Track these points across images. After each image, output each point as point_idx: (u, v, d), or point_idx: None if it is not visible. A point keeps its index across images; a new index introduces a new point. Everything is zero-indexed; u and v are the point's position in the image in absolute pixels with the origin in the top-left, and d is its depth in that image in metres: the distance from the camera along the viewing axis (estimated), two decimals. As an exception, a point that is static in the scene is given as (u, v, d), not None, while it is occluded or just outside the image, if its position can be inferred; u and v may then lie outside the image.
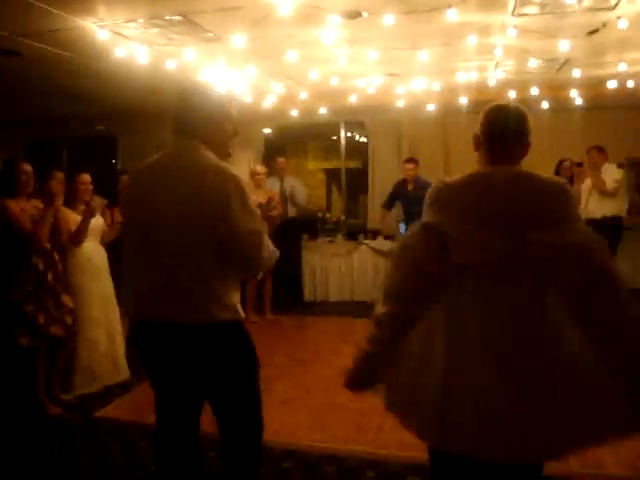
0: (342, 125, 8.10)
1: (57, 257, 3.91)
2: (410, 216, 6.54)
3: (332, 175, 9.97)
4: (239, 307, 2.09)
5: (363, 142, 8.33)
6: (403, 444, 3.38)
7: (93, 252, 4.18)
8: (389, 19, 3.42)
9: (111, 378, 4.22)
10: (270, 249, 2.04)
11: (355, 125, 8.25)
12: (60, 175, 4.16)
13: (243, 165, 7.79)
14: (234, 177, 1.94)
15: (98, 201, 4.10)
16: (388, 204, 6.85)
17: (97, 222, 4.15)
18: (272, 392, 4.27)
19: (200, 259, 1.95)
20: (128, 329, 2.25)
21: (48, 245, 3.78)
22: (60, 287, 3.85)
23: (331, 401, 4.11)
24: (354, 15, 3.59)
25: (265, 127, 8.21)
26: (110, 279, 4.27)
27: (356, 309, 6.74)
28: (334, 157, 8.54)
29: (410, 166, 6.62)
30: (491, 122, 1.88)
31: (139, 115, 6.80)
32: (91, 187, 4.18)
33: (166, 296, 2.00)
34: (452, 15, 3.32)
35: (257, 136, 8.10)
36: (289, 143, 10.98)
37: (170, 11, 3.66)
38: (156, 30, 3.96)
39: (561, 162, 6.45)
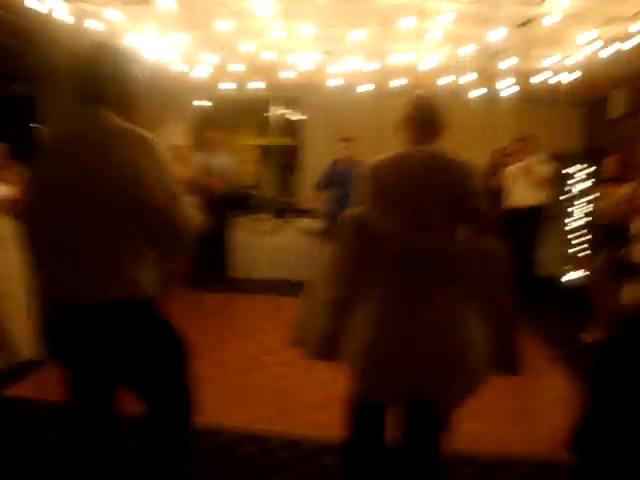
0: (276, 101, 7.97)
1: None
2: (342, 196, 6.52)
3: (266, 152, 9.85)
4: (149, 284, 1.97)
5: (298, 120, 8.24)
6: (322, 424, 3.42)
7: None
8: (328, -7, 3.35)
9: (20, 355, 3.99)
10: (191, 216, 1.95)
11: (290, 102, 8.13)
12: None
13: (174, 136, 7.55)
14: (146, 139, 1.82)
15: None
16: (322, 185, 6.77)
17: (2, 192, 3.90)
18: (191, 371, 4.19)
19: (109, 233, 1.83)
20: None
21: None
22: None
23: (253, 380, 4.09)
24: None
25: (198, 99, 7.94)
26: (16, 251, 4.02)
27: (281, 287, 6.72)
28: (269, 133, 8.42)
29: (343, 144, 6.56)
30: (413, 109, 2.36)
31: (60, 76, 6.38)
32: None
33: (71, 276, 1.87)
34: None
35: (189, 108, 7.83)
36: (224, 117, 10.76)
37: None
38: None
39: (494, 153, 6.66)
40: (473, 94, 6.29)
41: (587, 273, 5.49)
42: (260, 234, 7.25)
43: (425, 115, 2.33)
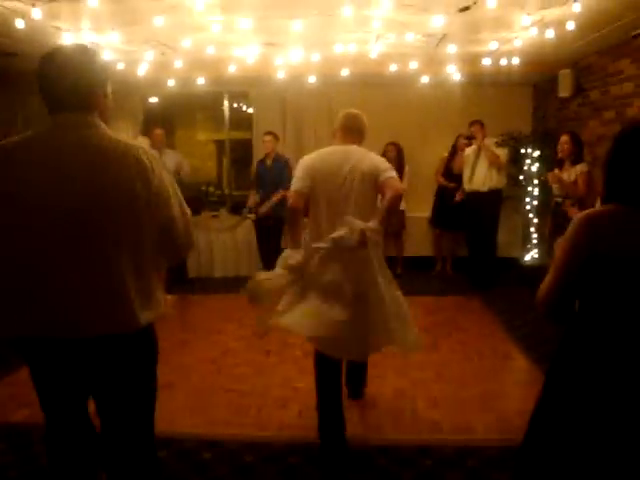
0: (226, 96, 7.84)
1: None
2: (265, 190, 6.54)
3: (221, 147, 9.71)
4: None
5: (250, 113, 8.11)
6: (284, 424, 3.39)
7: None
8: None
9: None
10: (188, 222, 1.94)
11: (240, 96, 8.01)
12: None
13: (122, 135, 7.35)
14: (155, 158, 1.82)
15: None
16: (255, 183, 6.82)
17: None
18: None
19: (128, 255, 1.75)
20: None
21: None
22: None
23: (212, 383, 4.03)
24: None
25: (145, 96, 7.75)
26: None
27: (241, 285, 6.59)
28: (223, 128, 8.29)
29: (267, 138, 6.57)
30: (344, 119, 3.22)
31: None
32: None
33: (73, 306, 1.72)
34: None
35: (135, 106, 7.63)
36: (177, 113, 10.57)
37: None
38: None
39: (458, 137, 6.67)
40: (422, 81, 6.27)
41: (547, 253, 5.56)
42: (217, 231, 7.12)
43: (352, 124, 3.19)
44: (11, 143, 1.77)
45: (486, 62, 5.37)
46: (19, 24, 4.13)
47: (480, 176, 6.33)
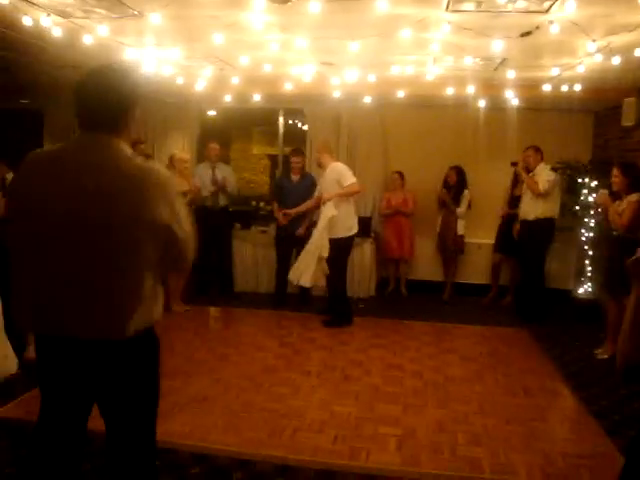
0: (281, 112, 7.92)
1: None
2: (288, 206, 6.45)
3: (275, 162, 9.80)
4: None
5: (304, 130, 8.16)
6: (318, 449, 3.32)
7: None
8: (315, 6, 3.25)
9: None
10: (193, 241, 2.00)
11: (295, 112, 8.07)
12: None
13: (178, 148, 7.53)
14: (171, 179, 1.90)
15: None
16: (276, 197, 6.74)
17: None
18: (188, 390, 4.13)
19: (132, 268, 1.84)
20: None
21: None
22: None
23: (249, 400, 4.01)
24: (281, 1, 3.40)
25: (202, 110, 7.91)
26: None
27: (286, 301, 6.63)
28: (277, 143, 8.36)
29: (296, 159, 6.53)
30: None
31: (65, 90, 6.37)
32: None
33: (86, 309, 1.82)
34: (382, 5, 3.18)
35: (192, 119, 7.80)
36: (234, 127, 10.76)
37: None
38: (71, 1, 3.66)
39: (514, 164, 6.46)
40: (479, 104, 6.15)
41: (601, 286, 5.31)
42: (265, 247, 7.15)
43: None
44: (41, 154, 1.91)
45: (546, 88, 5.22)
46: (87, 39, 4.28)
47: (525, 204, 6.13)
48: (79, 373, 1.91)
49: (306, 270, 5.70)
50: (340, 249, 5.73)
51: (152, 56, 4.85)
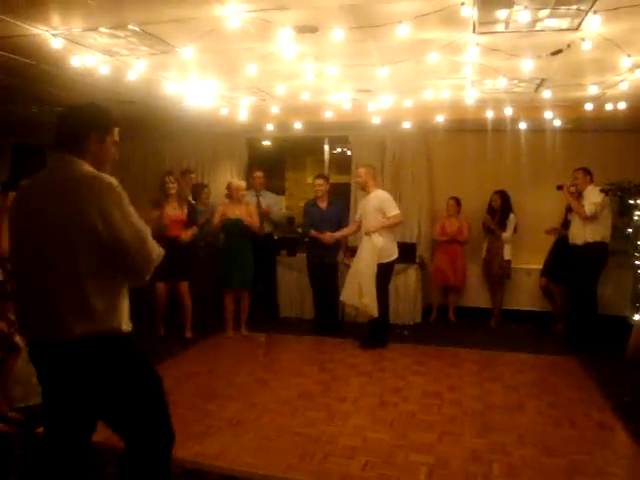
0: (326, 140, 8.02)
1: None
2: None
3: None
4: (123, 318, 2.10)
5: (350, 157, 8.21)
6: (346, 475, 3.27)
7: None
8: (339, 34, 3.32)
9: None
10: (157, 250, 2.08)
11: (340, 140, 8.15)
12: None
13: (226, 176, 7.74)
14: (109, 185, 1.98)
15: None
16: (307, 226, 6.62)
17: None
18: (224, 413, 4.18)
19: (77, 273, 1.96)
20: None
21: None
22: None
23: (282, 425, 4.00)
24: (308, 30, 3.49)
25: (249, 140, 8.11)
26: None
27: (329, 327, 6.62)
28: (331, 172, 8.45)
29: (320, 182, 6.49)
30: None
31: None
32: None
33: (43, 313, 2.01)
34: (404, 31, 3.22)
35: (240, 149, 8.01)
36: (287, 157, 10.97)
37: (126, 22, 3.57)
38: (115, 40, 3.88)
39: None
40: (521, 127, 6.05)
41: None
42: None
43: None
44: (25, 184, 2.19)
45: (588, 107, 5.08)
46: (131, 75, 4.52)
47: (574, 228, 5.91)
48: (50, 373, 2.09)
49: (371, 298, 5.69)
50: (381, 275, 5.71)
51: (194, 88, 5.05)
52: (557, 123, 5.72)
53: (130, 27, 3.64)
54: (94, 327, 1.99)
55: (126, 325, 2.11)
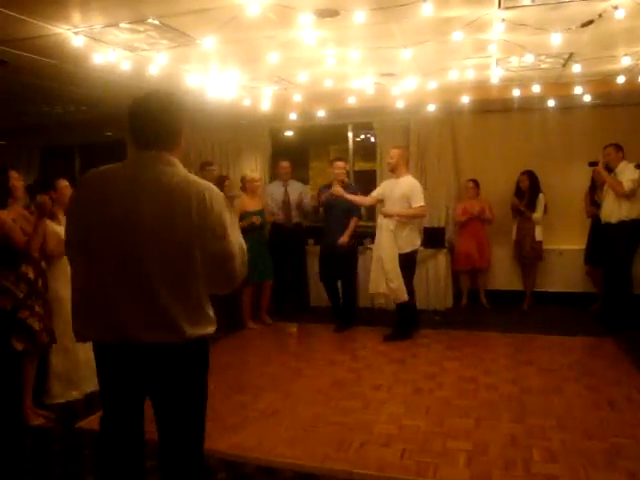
0: (350, 127, 7.94)
1: (44, 265, 3.93)
2: (333, 217, 6.22)
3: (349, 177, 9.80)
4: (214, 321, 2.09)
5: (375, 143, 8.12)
6: (384, 463, 3.25)
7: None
8: (360, 16, 3.26)
9: (91, 385, 4.10)
10: (244, 258, 2.05)
11: (364, 127, 8.06)
12: (63, 183, 4.22)
13: (250, 167, 7.74)
14: (219, 195, 1.97)
15: None
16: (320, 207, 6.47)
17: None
18: (258, 404, 4.18)
19: (181, 277, 1.92)
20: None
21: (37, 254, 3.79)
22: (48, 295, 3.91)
23: (318, 414, 3.99)
24: (329, 14, 3.43)
25: (272, 130, 8.08)
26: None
27: (360, 315, 6.59)
28: (355, 159, 8.38)
29: (340, 164, 6.28)
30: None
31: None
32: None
33: (145, 316, 1.93)
34: (428, 10, 3.13)
35: (264, 139, 7.99)
36: (310, 145, 10.92)
37: (146, 15, 3.56)
38: (136, 35, 3.88)
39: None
40: (549, 104, 5.90)
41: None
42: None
43: None
44: (96, 173, 2.02)
45: (620, 80, 4.91)
46: (152, 69, 4.52)
47: (607, 207, 5.74)
48: (138, 377, 2.03)
49: (398, 282, 5.58)
50: (407, 264, 5.63)
51: (216, 80, 5.03)
52: (587, 99, 5.55)
53: (149, 21, 3.63)
54: (202, 330, 2.00)
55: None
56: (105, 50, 4.10)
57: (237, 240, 2.02)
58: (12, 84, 5.08)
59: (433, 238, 6.89)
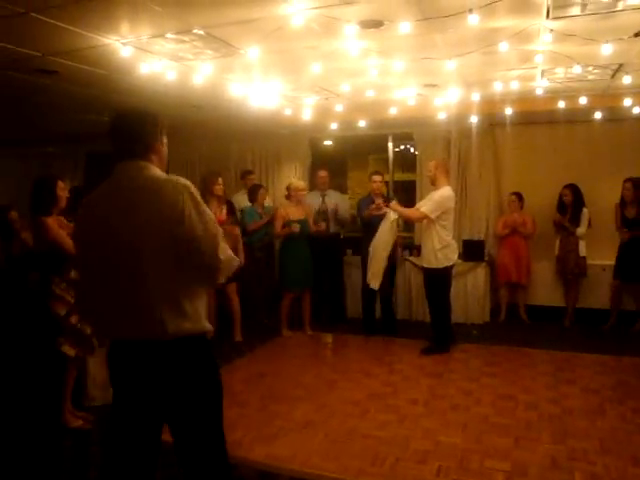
0: (390, 137, 7.90)
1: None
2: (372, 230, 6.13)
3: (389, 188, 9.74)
4: (204, 318, 2.11)
5: (415, 154, 8.07)
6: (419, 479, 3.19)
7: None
8: (405, 27, 3.24)
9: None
10: (227, 253, 2.07)
11: (404, 137, 8.00)
12: None
13: (290, 176, 7.76)
14: (186, 187, 2.01)
15: None
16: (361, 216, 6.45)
17: None
18: (294, 414, 4.17)
19: (162, 274, 1.98)
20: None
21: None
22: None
23: (353, 426, 3.95)
24: (373, 24, 3.42)
25: (312, 139, 8.09)
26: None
27: (398, 328, 6.53)
28: (395, 169, 8.33)
29: (377, 178, 6.31)
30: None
31: (180, 127, 6.84)
32: None
33: (131, 314, 2.01)
34: (474, 20, 3.09)
35: (303, 149, 8.02)
36: (349, 155, 10.91)
37: (191, 26, 3.62)
38: (181, 45, 3.94)
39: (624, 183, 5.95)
40: (596, 117, 5.75)
41: None
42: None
43: None
44: (92, 195, 2.16)
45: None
46: (197, 79, 4.58)
47: None
48: (138, 373, 2.07)
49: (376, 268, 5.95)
50: (443, 279, 5.56)
51: (258, 90, 5.08)
52: (637, 110, 5.39)
53: (195, 31, 3.69)
54: (185, 327, 2.02)
55: (209, 326, 2.13)
56: (151, 60, 4.18)
57: (212, 230, 2.03)
58: (62, 93, 5.23)
59: (473, 251, 6.78)
